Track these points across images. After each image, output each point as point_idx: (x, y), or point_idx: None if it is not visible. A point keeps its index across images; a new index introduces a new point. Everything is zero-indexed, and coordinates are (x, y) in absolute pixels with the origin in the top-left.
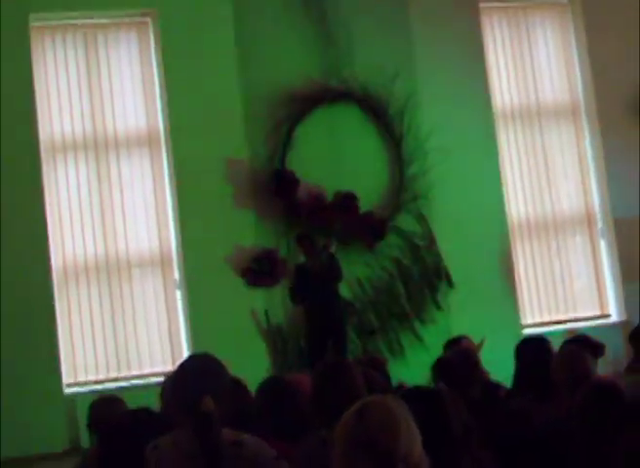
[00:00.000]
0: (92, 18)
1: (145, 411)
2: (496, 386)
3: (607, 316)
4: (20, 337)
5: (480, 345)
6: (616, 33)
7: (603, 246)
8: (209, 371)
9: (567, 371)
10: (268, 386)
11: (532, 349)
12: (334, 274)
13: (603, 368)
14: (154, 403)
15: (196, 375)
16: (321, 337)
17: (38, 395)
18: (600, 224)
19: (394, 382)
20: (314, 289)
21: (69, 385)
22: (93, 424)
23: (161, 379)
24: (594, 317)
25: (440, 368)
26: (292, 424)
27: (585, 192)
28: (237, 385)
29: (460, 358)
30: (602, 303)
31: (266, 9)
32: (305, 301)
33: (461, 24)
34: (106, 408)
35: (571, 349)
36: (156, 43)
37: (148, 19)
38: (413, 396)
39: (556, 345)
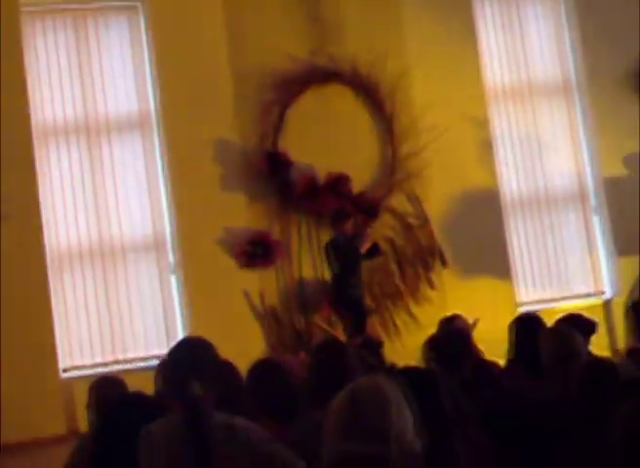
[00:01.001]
0: (82, 2)
1: (139, 396)
2: (489, 365)
3: (601, 293)
4: (15, 323)
5: (473, 325)
6: (605, 8)
7: (596, 222)
8: (198, 355)
9: (553, 351)
10: (258, 368)
11: (524, 327)
12: (378, 252)
13: (597, 344)
14: (150, 386)
15: (185, 360)
16: (348, 311)
17: (35, 380)
18: (593, 201)
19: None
20: (342, 265)
21: (66, 370)
22: (91, 405)
23: (156, 362)
24: (588, 294)
25: (431, 347)
26: (283, 406)
27: (578, 169)
28: (228, 367)
29: (451, 337)
30: (596, 280)
31: None
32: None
33: (452, 1)
34: (105, 388)
35: (556, 328)
36: (146, 26)
37: (138, 3)
38: (404, 376)
39: (551, 323)
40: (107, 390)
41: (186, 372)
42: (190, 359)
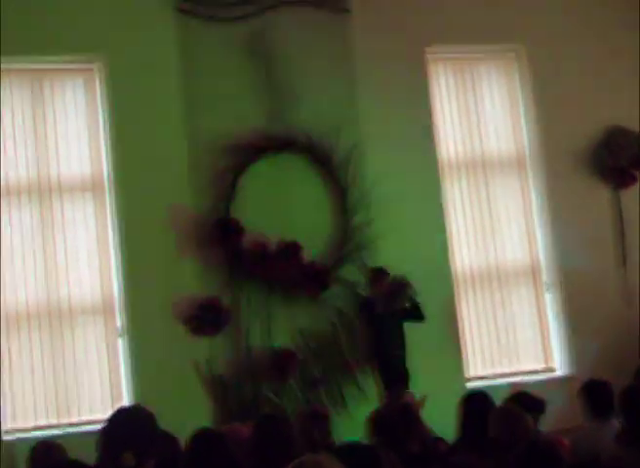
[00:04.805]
0: (38, 63)
1: (75, 464)
2: (436, 441)
3: (552, 370)
4: None
5: (422, 401)
6: (561, 85)
7: (548, 298)
8: (133, 426)
9: (503, 432)
10: (198, 438)
11: (473, 405)
12: (420, 315)
13: (547, 423)
14: (93, 450)
15: (120, 429)
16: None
17: None
18: (545, 276)
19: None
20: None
21: (8, 432)
22: None
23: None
24: (539, 371)
25: (376, 422)
26: None
27: (531, 244)
28: (166, 437)
29: (397, 413)
30: (547, 357)
31: (212, 57)
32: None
33: (407, 73)
34: (43, 454)
35: (507, 409)
36: (102, 89)
37: (94, 66)
38: (344, 453)
39: (500, 399)
40: (45, 456)
41: (121, 442)
42: (125, 429)
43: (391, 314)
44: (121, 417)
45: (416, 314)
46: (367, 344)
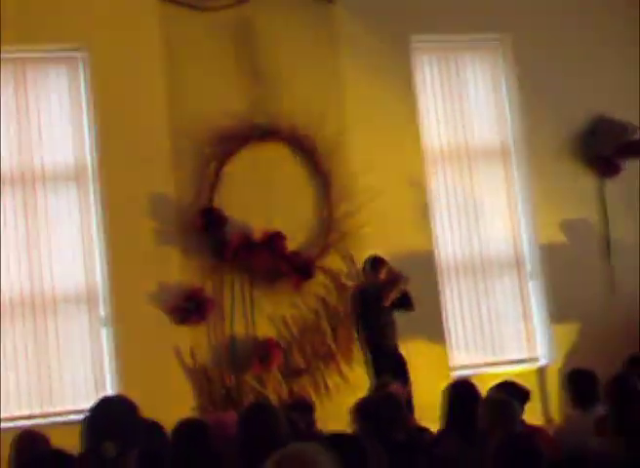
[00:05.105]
0: (21, 51)
1: (57, 453)
2: (421, 430)
3: (536, 359)
4: None
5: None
6: (546, 74)
7: (532, 287)
8: (115, 415)
9: (495, 421)
10: (181, 428)
11: (458, 393)
12: (410, 304)
13: (530, 412)
14: (77, 440)
15: (102, 420)
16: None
17: None
18: (529, 266)
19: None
20: (375, 313)
21: None
22: (11, 459)
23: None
24: (523, 360)
25: (362, 411)
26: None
27: (515, 233)
28: (153, 427)
29: (383, 401)
30: (530, 346)
31: (196, 45)
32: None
33: (392, 62)
34: (26, 444)
35: (499, 398)
36: (86, 78)
37: (78, 55)
38: (330, 442)
39: (484, 388)
40: (28, 445)
41: (101, 434)
42: (106, 420)
43: (383, 304)
44: (102, 408)
45: (405, 303)
46: (361, 335)
